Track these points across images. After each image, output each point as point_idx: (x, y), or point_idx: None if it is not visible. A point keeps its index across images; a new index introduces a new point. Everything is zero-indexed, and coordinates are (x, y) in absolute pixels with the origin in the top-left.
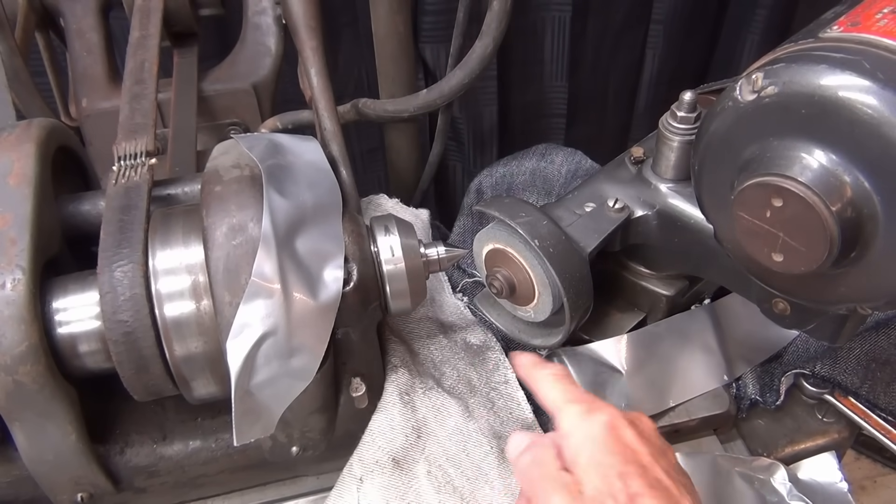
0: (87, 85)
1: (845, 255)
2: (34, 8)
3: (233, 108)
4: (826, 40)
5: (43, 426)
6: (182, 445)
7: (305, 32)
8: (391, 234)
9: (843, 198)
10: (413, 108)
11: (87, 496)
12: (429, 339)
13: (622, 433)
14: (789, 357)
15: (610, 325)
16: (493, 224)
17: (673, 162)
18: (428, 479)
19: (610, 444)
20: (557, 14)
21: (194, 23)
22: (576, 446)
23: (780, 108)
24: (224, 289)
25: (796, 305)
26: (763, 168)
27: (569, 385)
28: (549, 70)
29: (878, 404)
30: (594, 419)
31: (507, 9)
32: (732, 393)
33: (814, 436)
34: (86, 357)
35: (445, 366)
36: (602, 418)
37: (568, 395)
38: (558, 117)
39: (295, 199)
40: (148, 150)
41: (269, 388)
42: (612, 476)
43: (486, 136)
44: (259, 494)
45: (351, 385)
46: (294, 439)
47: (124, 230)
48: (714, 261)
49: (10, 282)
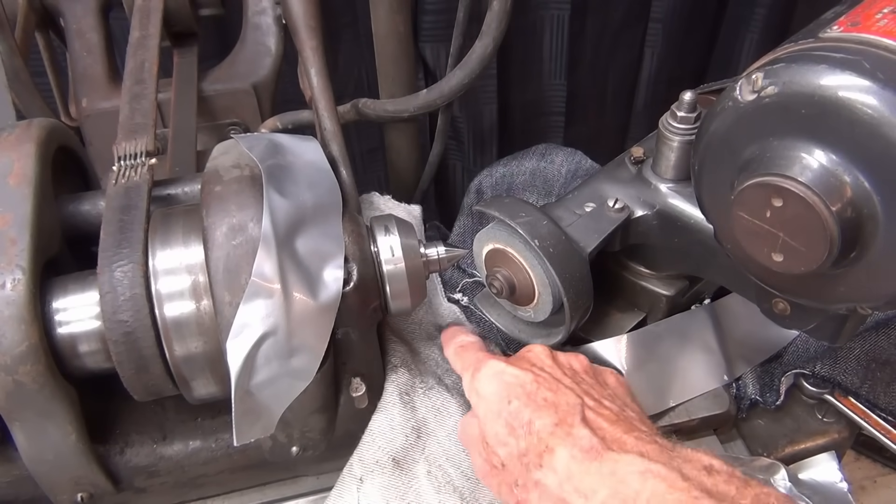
0: (87, 85)
1: (845, 255)
2: (34, 8)
3: (233, 108)
4: (826, 40)
5: (43, 426)
6: (182, 445)
7: (305, 32)
8: (391, 234)
9: (843, 198)
10: (413, 108)
11: (87, 496)
12: (429, 339)
13: (503, 376)
14: (789, 357)
15: (610, 325)
16: (493, 224)
17: (673, 162)
18: (428, 479)
19: (492, 390)
20: (556, 13)
21: (194, 23)
22: (475, 407)
23: (780, 108)
24: (224, 289)
25: (796, 305)
26: (763, 168)
27: (464, 353)
28: (547, 68)
29: (878, 404)
30: (478, 378)
31: (507, 9)
32: (732, 393)
33: (814, 436)
34: (86, 357)
35: (445, 365)
36: (485, 373)
37: (461, 364)
38: (557, 115)
39: (295, 199)
40: (148, 150)
41: (269, 388)
42: (502, 413)
43: (486, 134)
44: (259, 494)
45: (351, 385)
46: (294, 439)
47: (124, 230)
48: (714, 261)
49: (10, 282)
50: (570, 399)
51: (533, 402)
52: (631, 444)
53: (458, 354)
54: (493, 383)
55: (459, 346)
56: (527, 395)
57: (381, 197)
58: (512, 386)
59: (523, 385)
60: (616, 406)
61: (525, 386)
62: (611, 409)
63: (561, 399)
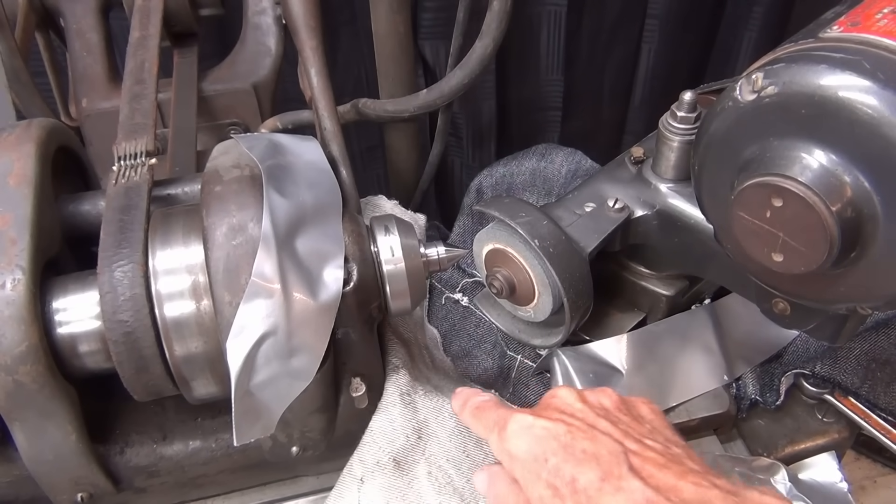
0: (87, 85)
1: (845, 255)
2: (34, 8)
3: (233, 108)
4: (826, 40)
5: (43, 426)
6: (182, 445)
7: (305, 32)
8: (391, 234)
9: (843, 198)
10: (413, 108)
11: (87, 496)
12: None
13: (533, 431)
14: (789, 357)
15: (610, 325)
16: (493, 224)
17: (673, 162)
18: (429, 480)
19: (524, 448)
20: (553, 8)
21: (194, 23)
22: (510, 470)
23: (780, 108)
24: (224, 289)
25: (796, 305)
26: (763, 168)
27: (483, 414)
28: (544, 64)
29: (878, 404)
30: (506, 437)
31: (507, 9)
32: (732, 393)
33: (814, 436)
34: (86, 357)
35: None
36: (512, 429)
37: (483, 425)
38: (554, 111)
39: (295, 199)
40: (148, 150)
41: (269, 388)
42: (541, 474)
43: (485, 130)
44: (259, 494)
45: (351, 385)
46: (294, 439)
47: (124, 230)
48: (714, 261)
49: (10, 282)
50: (610, 447)
51: (571, 456)
52: (689, 494)
53: (476, 416)
54: (524, 440)
55: (475, 407)
56: (563, 448)
57: (389, 202)
58: (545, 440)
59: (557, 437)
60: (660, 444)
61: (559, 438)
62: (655, 448)
63: (601, 448)
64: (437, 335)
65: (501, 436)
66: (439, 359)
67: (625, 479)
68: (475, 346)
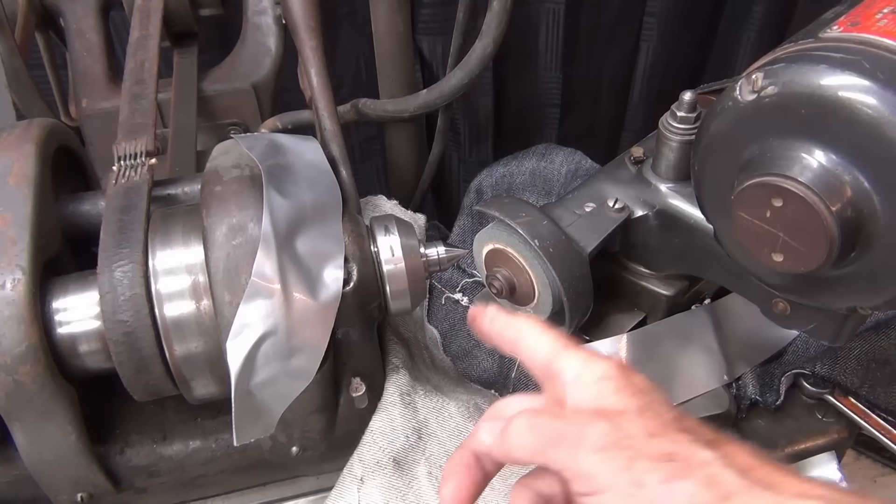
0: (87, 85)
1: (845, 255)
2: (34, 8)
3: (233, 108)
4: (826, 40)
5: (43, 426)
6: (182, 445)
7: (305, 32)
8: (391, 234)
9: (843, 198)
10: (413, 108)
11: (87, 496)
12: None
13: (633, 377)
14: (789, 357)
15: (610, 325)
16: (493, 224)
17: (673, 162)
18: (429, 480)
19: (622, 383)
20: (552, 6)
21: (194, 23)
22: (590, 387)
23: (780, 108)
24: (224, 289)
25: (796, 305)
26: (763, 168)
27: (559, 333)
28: (543, 61)
29: (878, 404)
30: (603, 362)
31: (507, 8)
32: (732, 393)
33: (814, 436)
34: (86, 357)
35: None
36: (613, 360)
37: (564, 342)
38: (552, 108)
39: (295, 199)
40: (148, 150)
41: (269, 388)
42: (645, 401)
43: (482, 127)
44: (259, 494)
45: (351, 385)
46: (294, 439)
47: (124, 230)
48: (714, 261)
49: (10, 282)
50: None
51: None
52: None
53: (546, 332)
54: (622, 376)
55: (539, 324)
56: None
57: (389, 202)
58: (643, 392)
59: (653, 397)
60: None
61: (655, 399)
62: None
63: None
64: (437, 335)
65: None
66: (439, 359)
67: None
68: (475, 346)
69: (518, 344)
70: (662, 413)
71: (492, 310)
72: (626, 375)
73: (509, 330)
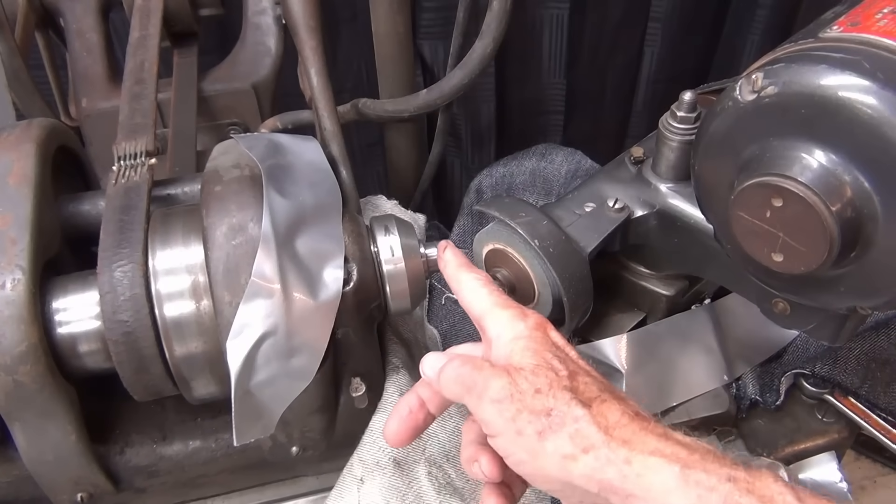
0: (87, 85)
1: (845, 255)
2: (34, 8)
3: (233, 108)
4: (826, 40)
5: (43, 426)
6: (182, 445)
7: (305, 32)
8: (391, 234)
9: (843, 198)
10: (413, 109)
11: (87, 496)
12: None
13: (552, 334)
14: (789, 357)
15: (610, 325)
16: (493, 224)
17: (673, 162)
18: (428, 480)
19: (540, 340)
20: (555, 11)
21: (194, 23)
22: (506, 346)
23: (780, 108)
24: (224, 289)
25: (796, 305)
26: (763, 168)
27: (495, 291)
28: (546, 67)
29: (878, 404)
30: (525, 321)
31: (507, 8)
32: (732, 393)
33: (814, 436)
34: (86, 357)
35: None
36: (532, 320)
37: (495, 300)
38: (556, 114)
39: (295, 199)
40: (148, 150)
41: (269, 388)
42: (545, 359)
43: (484, 132)
44: (259, 494)
45: (351, 385)
46: (294, 439)
47: (124, 230)
48: (714, 261)
49: (10, 282)
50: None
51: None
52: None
53: (482, 288)
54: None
55: (479, 279)
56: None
57: (389, 202)
58: (559, 349)
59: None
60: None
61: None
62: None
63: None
64: (436, 335)
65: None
66: None
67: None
68: None
69: (459, 296)
70: (558, 370)
71: (448, 255)
72: (542, 337)
73: (453, 282)
